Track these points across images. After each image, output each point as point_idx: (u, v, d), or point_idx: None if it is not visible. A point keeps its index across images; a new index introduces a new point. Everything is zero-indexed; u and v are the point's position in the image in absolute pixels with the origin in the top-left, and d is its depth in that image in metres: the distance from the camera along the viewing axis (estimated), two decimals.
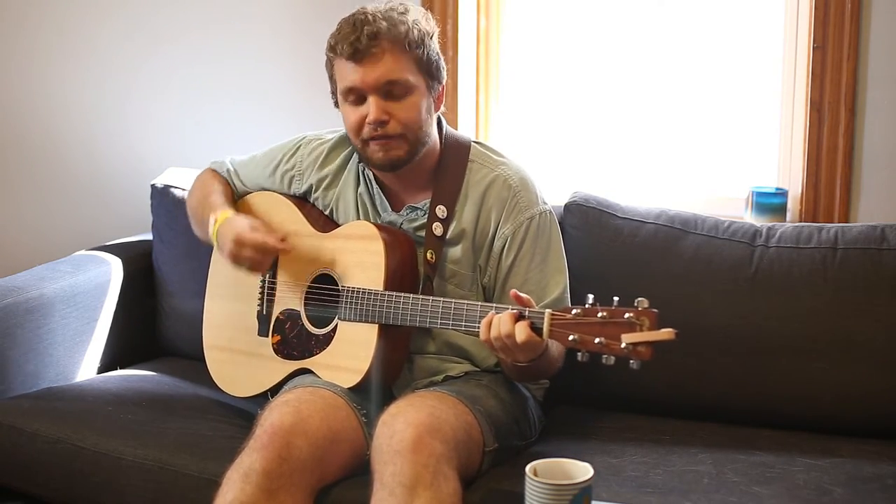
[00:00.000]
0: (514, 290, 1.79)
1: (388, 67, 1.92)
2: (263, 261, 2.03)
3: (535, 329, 1.74)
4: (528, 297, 1.78)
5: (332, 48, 1.97)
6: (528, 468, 1.56)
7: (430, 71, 1.98)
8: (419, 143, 1.99)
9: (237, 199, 2.26)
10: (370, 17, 1.93)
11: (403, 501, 1.69)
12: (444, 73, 2.03)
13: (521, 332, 1.74)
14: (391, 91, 1.94)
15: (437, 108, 2.04)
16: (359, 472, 1.88)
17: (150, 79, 2.98)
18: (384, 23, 1.92)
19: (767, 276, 2.20)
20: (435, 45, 2.00)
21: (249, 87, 2.98)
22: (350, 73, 1.95)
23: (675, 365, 2.22)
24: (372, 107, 1.94)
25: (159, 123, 3.01)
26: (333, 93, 2.05)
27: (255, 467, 1.76)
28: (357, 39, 1.91)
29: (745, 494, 1.86)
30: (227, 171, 2.29)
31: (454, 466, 1.77)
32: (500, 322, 1.76)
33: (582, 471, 1.56)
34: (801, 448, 2.06)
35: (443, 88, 2.04)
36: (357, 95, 1.96)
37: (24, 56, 2.95)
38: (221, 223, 2.08)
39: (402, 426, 1.76)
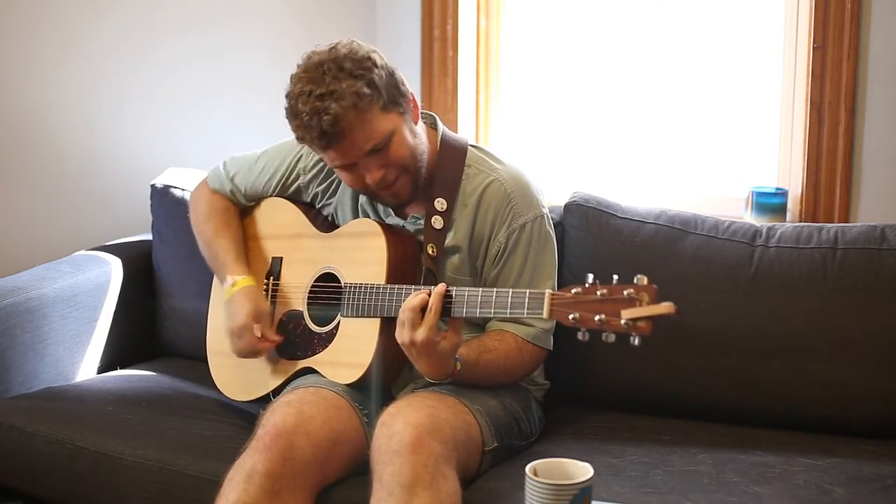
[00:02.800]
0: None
1: (362, 139, 1.89)
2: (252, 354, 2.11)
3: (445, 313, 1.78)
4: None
5: (298, 138, 1.94)
6: (528, 468, 1.56)
7: (394, 101, 1.93)
8: (420, 166, 1.99)
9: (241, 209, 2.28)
10: (319, 101, 1.86)
11: (402, 501, 1.69)
12: (406, 87, 1.97)
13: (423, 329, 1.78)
14: (374, 149, 1.92)
15: (416, 119, 2.00)
16: (359, 471, 1.88)
17: (149, 78, 2.98)
18: (336, 105, 1.85)
19: (767, 276, 2.20)
20: (383, 69, 1.92)
21: (249, 86, 2.98)
22: (328, 156, 1.94)
23: (675, 365, 2.22)
24: (367, 172, 1.93)
25: (159, 123, 3.00)
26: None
27: (258, 468, 1.76)
28: (322, 133, 1.87)
29: (745, 494, 1.86)
30: (231, 191, 2.27)
31: (453, 466, 1.77)
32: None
33: (582, 471, 1.56)
34: (801, 448, 2.06)
35: (412, 99, 1.99)
36: (346, 166, 1.95)
37: (22, 55, 2.94)
38: (235, 295, 2.11)
39: (400, 426, 1.76)
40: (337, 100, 1.86)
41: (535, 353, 2.02)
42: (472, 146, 2.10)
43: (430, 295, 1.80)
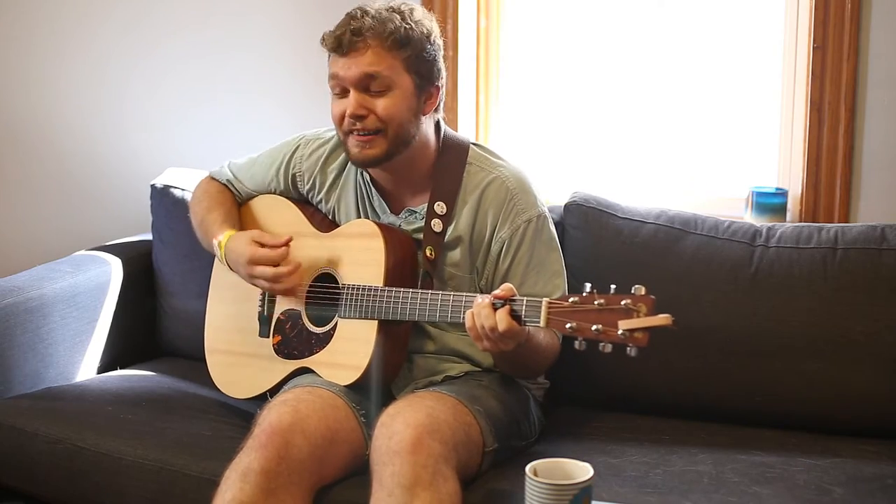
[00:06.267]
0: (501, 289, 1.78)
1: (368, 62, 1.93)
2: (282, 273, 2.03)
3: (516, 317, 1.74)
4: (510, 286, 1.78)
5: (322, 39, 2.00)
6: (528, 468, 1.56)
7: (419, 71, 1.97)
8: (399, 141, 1.98)
9: (241, 203, 2.27)
10: (360, 13, 1.95)
11: (402, 502, 1.69)
12: (441, 76, 2.02)
13: (502, 320, 1.73)
14: (370, 86, 1.95)
15: (427, 111, 2.02)
16: (358, 471, 1.88)
17: (149, 78, 2.98)
18: (370, 20, 1.94)
19: (767, 276, 2.21)
20: (432, 46, 1.99)
21: (249, 84, 2.98)
22: (333, 65, 1.98)
23: (675, 365, 2.22)
24: (350, 100, 1.96)
25: (159, 123, 3.01)
26: None
27: (253, 467, 1.76)
28: (342, 34, 1.94)
29: (745, 494, 1.86)
30: (228, 180, 2.28)
31: (453, 466, 1.77)
32: (481, 315, 1.75)
33: (582, 471, 1.56)
34: (801, 448, 2.06)
35: (437, 90, 2.02)
36: (340, 88, 1.98)
37: (22, 56, 2.95)
38: (226, 247, 2.10)
39: (400, 427, 1.76)
40: (375, 21, 1.94)
41: (558, 345, 2.01)
42: (473, 144, 2.11)
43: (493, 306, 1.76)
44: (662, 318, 1.61)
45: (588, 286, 1.68)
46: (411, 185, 2.07)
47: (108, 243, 2.76)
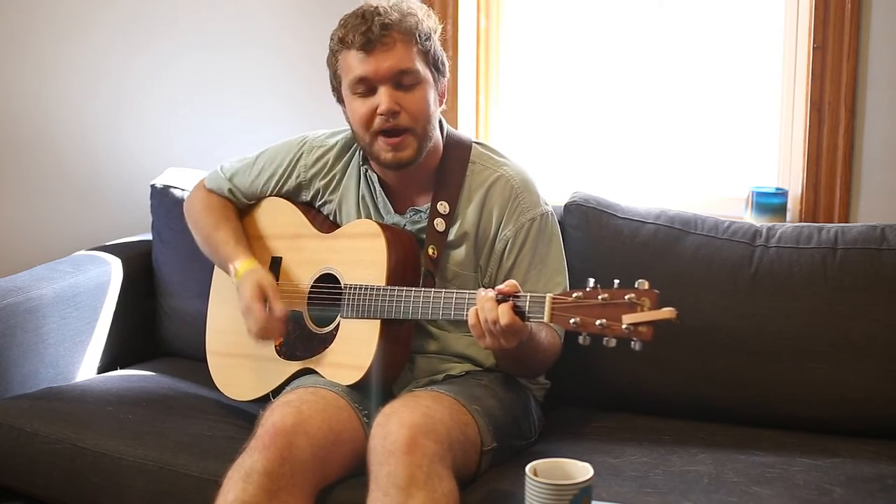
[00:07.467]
0: (505, 284, 1.78)
1: (399, 57, 1.93)
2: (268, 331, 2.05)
3: (519, 312, 1.74)
4: (514, 283, 1.77)
5: (340, 41, 1.97)
6: (528, 468, 1.56)
7: (436, 65, 2.00)
8: (426, 137, 1.99)
9: (241, 209, 2.27)
10: (380, 9, 1.95)
11: (398, 502, 1.69)
12: (446, 72, 2.05)
13: (505, 314, 1.73)
14: (401, 81, 1.94)
15: (440, 104, 2.05)
16: (360, 471, 1.87)
17: (148, 77, 2.98)
18: (395, 14, 1.94)
19: (767, 276, 2.21)
20: (440, 47, 2.02)
21: (251, 83, 2.97)
22: (360, 64, 1.95)
23: (675, 365, 2.22)
24: (384, 97, 1.94)
25: (158, 123, 3.01)
26: (335, 89, 2.05)
27: (256, 467, 1.76)
28: (369, 30, 1.92)
29: (745, 494, 1.86)
30: (230, 190, 2.27)
31: (448, 466, 1.77)
32: (484, 308, 1.76)
33: (582, 471, 1.56)
34: (801, 448, 2.06)
35: (445, 84, 2.05)
36: (367, 87, 1.96)
37: (21, 55, 2.95)
38: (242, 277, 2.09)
39: (395, 427, 1.76)
40: (400, 17, 1.94)
41: (559, 344, 2.02)
42: (475, 143, 2.12)
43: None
44: (666, 312, 1.61)
45: (591, 281, 1.69)
46: (417, 185, 2.08)
47: (107, 243, 2.76)
